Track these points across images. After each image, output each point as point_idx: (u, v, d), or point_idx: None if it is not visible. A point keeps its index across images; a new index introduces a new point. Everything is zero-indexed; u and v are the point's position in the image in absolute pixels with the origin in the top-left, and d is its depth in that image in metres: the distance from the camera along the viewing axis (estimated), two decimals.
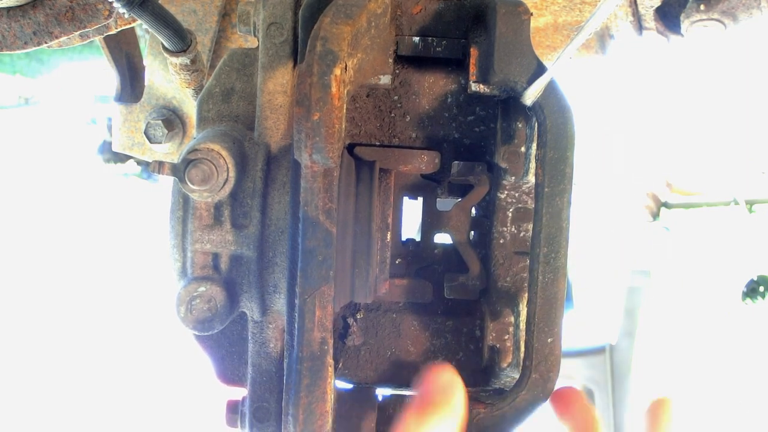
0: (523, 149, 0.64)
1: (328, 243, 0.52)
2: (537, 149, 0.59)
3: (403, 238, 0.68)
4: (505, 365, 0.63)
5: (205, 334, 0.62)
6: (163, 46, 0.82)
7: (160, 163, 0.57)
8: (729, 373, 2.58)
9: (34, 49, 0.79)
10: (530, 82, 0.57)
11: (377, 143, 0.67)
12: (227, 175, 0.58)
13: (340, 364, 0.68)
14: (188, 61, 0.85)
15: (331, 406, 0.54)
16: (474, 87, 0.60)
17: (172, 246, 0.62)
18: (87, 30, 0.78)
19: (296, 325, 0.54)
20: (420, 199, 0.68)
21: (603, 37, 1.08)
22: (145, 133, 1.11)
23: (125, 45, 1.16)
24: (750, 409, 2.51)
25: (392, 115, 0.66)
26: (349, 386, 0.68)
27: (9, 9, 0.76)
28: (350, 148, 0.65)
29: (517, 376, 0.59)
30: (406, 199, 0.68)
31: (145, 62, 1.15)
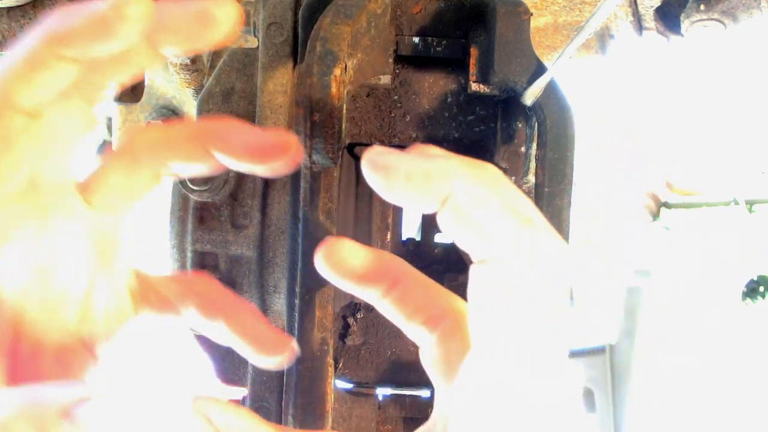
0: (523, 149, 0.64)
1: None
2: (537, 149, 0.59)
3: (403, 238, 0.68)
4: None
5: None
6: None
7: None
8: (729, 373, 2.58)
9: None
10: (530, 82, 0.57)
11: (377, 143, 0.67)
12: (227, 175, 0.58)
13: (340, 364, 0.68)
14: (188, 61, 0.85)
15: (331, 406, 0.54)
16: (474, 87, 0.61)
17: (171, 246, 0.62)
18: None
19: (296, 325, 0.54)
20: None
21: (603, 37, 1.08)
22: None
23: None
24: (750, 409, 2.51)
25: (392, 115, 0.67)
26: (349, 386, 0.68)
27: (9, 9, 0.76)
28: (350, 148, 0.65)
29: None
30: None
31: None
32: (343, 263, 0.38)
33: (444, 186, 0.31)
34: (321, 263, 0.38)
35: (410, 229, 0.80)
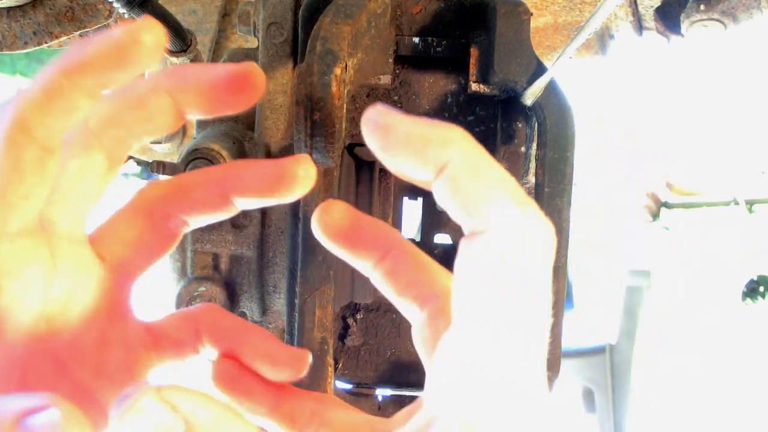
0: (523, 149, 0.64)
1: None
2: (537, 149, 0.59)
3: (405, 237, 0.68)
4: None
5: None
6: None
7: (160, 163, 0.57)
8: (729, 373, 2.58)
9: (34, 49, 0.79)
10: (530, 82, 0.57)
11: None
12: None
13: (340, 364, 0.68)
14: (188, 61, 0.85)
15: None
16: (474, 87, 0.61)
17: None
18: (87, 30, 0.78)
19: (296, 325, 0.54)
20: (420, 200, 0.68)
21: (603, 37, 1.08)
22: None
23: None
24: (750, 409, 2.51)
25: None
26: (349, 387, 0.68)
27: (9, 9, 0.76)
28: (350, 148, 0.65)
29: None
30: (406, 199, 0.68)
31: None
32: (335, 225, 0.38)
33: (442, 153, 0.30)
34: (314, 224, 0.38)
35: (410, 229, 0.80)
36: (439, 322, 0.37)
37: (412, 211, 0.70)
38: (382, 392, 0.69)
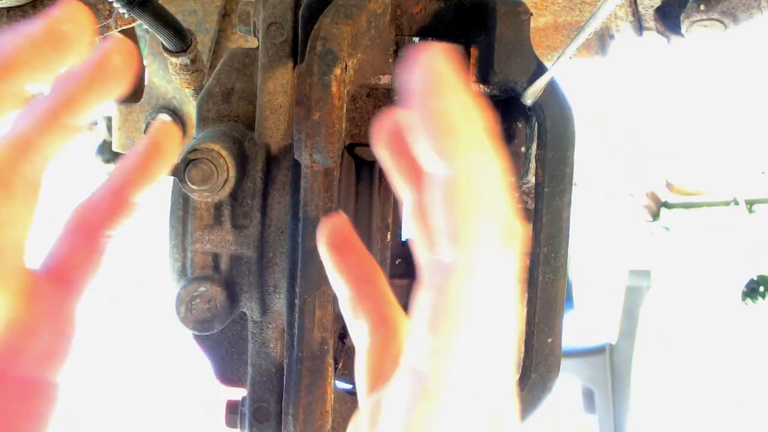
0: (523, 149, 0.64)
1: None
2: (537, 149, 0.59)
3: (403, 238, 0.68)
4: None
5: (205, 334, 0.62)
6: (163, 46, 0.82)
7: None
8: (729, 373, 2.58)
9: None
10: (530, 82, 0.57)
11: None
12: (227, 175, 0.58)
13: (340, 364, 0.68)
14: (188, 61, 0.85)
15: (331, 406, 0.54)
16: (474, 87, 0.60)
17: (172, 246, 0.62)
18: None
19: (296, 325, 0.54)
20: None
21: (603, 37, 1.08)
22: (145, 133, 1.11)
23: None
24: (750, 409, 2.51)
25: None
26: (349, 386, 0.68)
27: (9, 9, 0.76)
28: (350, 148, 0.65)
29: (516, 376, 0.59)
30: None
31: (145, 62, 1.15)
32: None
33: (460, 152, 0.29)
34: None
35: (410, 229, 0.80)
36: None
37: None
38: None
